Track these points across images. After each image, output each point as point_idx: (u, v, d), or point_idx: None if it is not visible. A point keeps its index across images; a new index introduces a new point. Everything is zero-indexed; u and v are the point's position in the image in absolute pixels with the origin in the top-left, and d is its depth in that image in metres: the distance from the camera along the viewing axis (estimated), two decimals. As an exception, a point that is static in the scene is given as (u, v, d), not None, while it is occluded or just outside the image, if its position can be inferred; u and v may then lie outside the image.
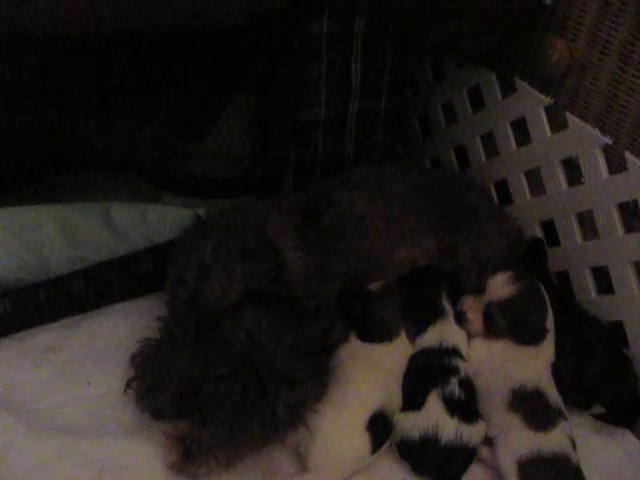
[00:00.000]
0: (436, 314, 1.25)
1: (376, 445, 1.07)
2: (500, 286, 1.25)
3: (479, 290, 1.29)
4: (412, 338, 1.23)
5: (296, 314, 1.09)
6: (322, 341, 1.10)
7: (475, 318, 1.25)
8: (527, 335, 1.22)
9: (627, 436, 1.21)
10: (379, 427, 1.08)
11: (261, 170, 1.45)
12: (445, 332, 1.22)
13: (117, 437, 1.10)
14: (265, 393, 0.99)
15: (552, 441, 1.08)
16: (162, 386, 1.05)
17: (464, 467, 1.09)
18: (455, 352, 1.20)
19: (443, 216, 1.40)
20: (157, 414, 1.07)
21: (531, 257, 1.41)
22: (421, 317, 1.25)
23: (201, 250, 1.16)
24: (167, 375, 1.05)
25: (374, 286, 1.28)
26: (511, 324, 1.22)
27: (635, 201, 1.19)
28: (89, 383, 1.19)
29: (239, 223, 1.22)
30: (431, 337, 1.22)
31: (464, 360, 1.20)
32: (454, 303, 1.28)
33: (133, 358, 1.12)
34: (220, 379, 0.99)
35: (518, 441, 1.10)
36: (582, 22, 1.32)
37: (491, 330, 1.23)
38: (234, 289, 1.09)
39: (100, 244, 1.32)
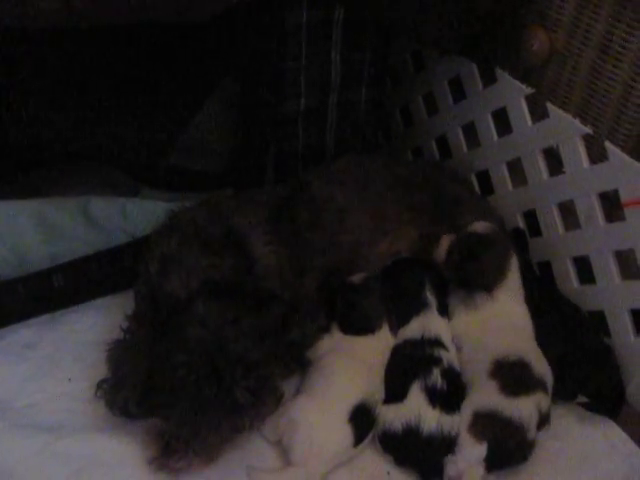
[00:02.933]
0: (419, 306, 1.25)
1: (359, 437, 1.07)
2: (474, 225, 1.30)
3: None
4: (395, 330, 1.23)
5: (252, 301, 1.08)
6: (283, 325, 1.11)
7: (443, 247, 1.29)
8: (478, 276, 1.23)
9: (610, 425, 1.21)
10: (361, 419, 1.08)
11: (242, 162, 1.44)
12: (428, 323, 1.22)
13: (98, 434, 1.10)
14: (221, 379, 0.99)
15: (516, 407, 1.08)
16: (124, 384, 1.05)
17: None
18: (438, 342, 1.19)
19: (425, 207, 1.40)
20: (124, 412, 1.06)
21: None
22: (404, 309, 1.25)
23: (165, 245, 1.16)
24: (129, 372, 1.05)
25: (356, 278, 1.28)
26: (464, 259, 1.24)
27: (616, 190, 1.19)
28: (69, 379, 1.18)
29: (206, 218, 1.22)
30: (413, 328, 1.22)
31: (447, 350, 1.19)
32: (438, 295, 1.27)
33: (106, 358, 1.12)
34: (175, 370, 1.00)
35: (485, 398, 1.11)
36: (562, 12, 1.32)
37: (448, 266, 1.26)
38: (192, 282, 1.09)
39: (79, 239, 1.31)
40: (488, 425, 1.08)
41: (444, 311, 1.25)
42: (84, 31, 1.13)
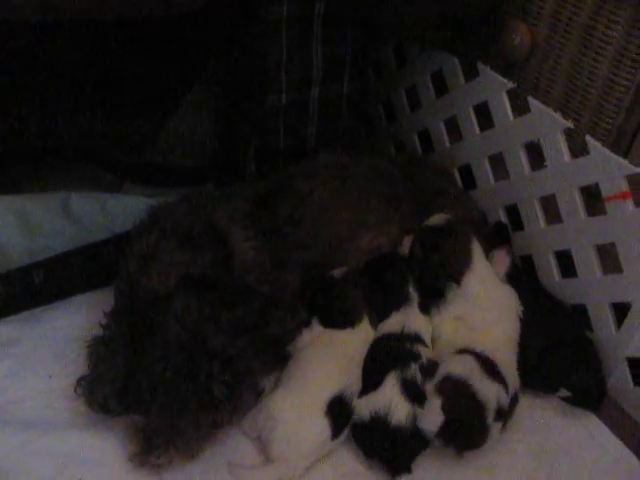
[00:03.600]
0: (400, 300, 1.24)
1: (336, 430, 1.07)
2: (436, 218, 1.31)
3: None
4: (375, 324, 1.23)
5: (230, 297, 1.08)
6: (262, 320, 1.10)
7: (405, 246, 1.31)
8: (443, 268, 1.24)
9: (591, 418, 1.21)
10: (338, 411, 1.07)
11: (223, 158, 1.44)
12: (408, 318, 1.22)
13: (80, 430, 1.09)
14: (198, 374, 0.99)
15: (484, 385, 1.09)
16: (103, 380, 1.05)
17: (414, 453, 1.08)
18: (417, 338, 1.19)
19: (407, 201, 1.40)
20: (103, 409, 1.06)
21: (494, 240, 1.41)
22: (385, 303, 1.25)
23: (143, 241, 1.16)
24: (107, 369, 1.05)
25: (337, 272, 1.28)
26: (426, 254, 1.25)
27: (597, 184, 1.19)
28: (50, 376, 1.18)
29: (185, 213, 1.22)
30: (394, 323, 1.22)
31: (426, 347, 1.19)
32: (420, 290, 1.27)
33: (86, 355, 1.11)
34: (152, 366, 1.00)
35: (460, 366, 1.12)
36: (543, 6, 1.32)
37: (413, 257, 1.28)
38: (171, 278, 1.09)
39: (59, 234, 1.31)
40: (454, 389, 1.08)
41: (425, 307, 1.25)
42: (63, 26, 1.12)
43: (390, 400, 1.08)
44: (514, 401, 1.13)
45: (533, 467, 1.12)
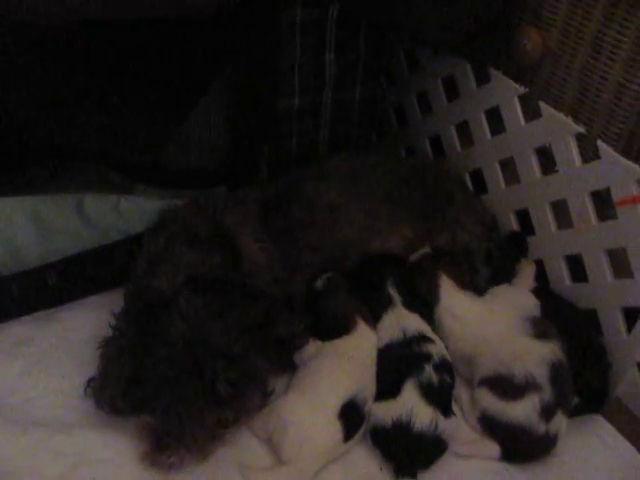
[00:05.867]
0: (385, 302, 1.25)
1: (348, 433, 1.07)
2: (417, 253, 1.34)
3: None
4: (373, 326, 1.23)
5: (237, 297, 1.09)
6: (268, 320, 1.11)
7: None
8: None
9: (600, 422, 1.21)
10: (351, 415, 1.08)
11: (236, 160, 1.44)
12: (403, 320, 1.22)
13: (91, 430, 1.10)
14: (202, 372, 1.00)
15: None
16: (110, 380, 1.06)
17: (433, 457, 1.09)
18: (422, 337, 1.19)
19: (418, 205, 1.41)
20: (112, 409, 1.07)
21: (510, 249, 1.42)
22: (373, 306, 1.25)
23: (153, 243, 1.18)
24: (114, 369, 1.07)
25: (319, 282, 1.28)
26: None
27: (608, 189, 1.20)
28: (63, 376, 1.18)
29: (195, 215, 1.23)
30: (390, 326, 1.22)
31: (434, 343, 1.19)
32: (402, 290, 1.28)
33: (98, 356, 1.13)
34: (157, 364, 1.01)
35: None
36: (555, 11, 1.32)
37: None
38: (178, 278, 1.10)
39: (73, 236, 1.32)
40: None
41: (412, 306, 1.25)
42: (79, 28, 1.13)
43: (412, 406, 1.08)
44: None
45: (543, 472, 1.12)
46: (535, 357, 1.15)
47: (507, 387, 1.12)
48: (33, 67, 1.21)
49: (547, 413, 1.10)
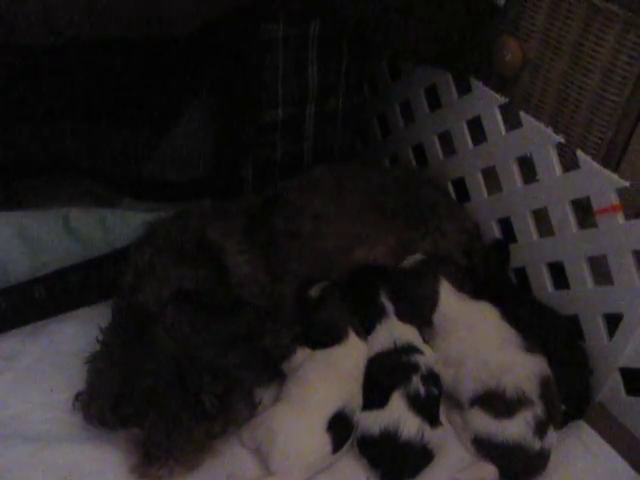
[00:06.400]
0: (379, 313, 1.26)
1: (337, 445, 1.08)
2: (410, 259, 1.35)
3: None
4: (363, 337, 1.24)
5: (222, 310, 1.11)
6: (254, 332, 1.12)
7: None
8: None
9: (583, 427, 1.23)
10: (340, 427, 1.09)
11: (220, 172, 1.45)
12: (395, 330, 1.23)
13: (81, 443, 1.11)
14: (188, 386, 1.01)
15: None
16: (98, 394, 1.07)
17: (420, 467, 1.10)
18: (412, 348, 1.20)
19: (401, 213, 1.42)
20: (100, 422, 1.08)
21: (493, 257, 1.44)
22: (366, 317, 1.26)
23: (139, 257, 1.19)
24: (102, 383, 1.08)
25: (314, 291, 1.29)
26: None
27: (588, 198, 1.21)
28: (52, 390, 1.19)
29: (181, 229, 1.24)
30: (383, 337, 1.23)
31: (422, 354, 1.20)
32: (395, 301, 1.28)
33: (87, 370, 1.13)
34: (144, 378, 1.02)
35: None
36: (534, 23, 1.35)
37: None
38: (164, 292, 1.11)
39: (60, 250, 1.32)
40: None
41: (405, 317, 1.26)
42: (64, 46, 1.14)
43: (399, 417, 1.09)
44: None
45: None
46: (525, 371, 1.16)
47: (499, 404, 1.13)
48: (17, 83, 1.21)
49: (540, 429, 1.10)
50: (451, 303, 1.28)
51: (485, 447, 1.13)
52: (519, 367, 1.16)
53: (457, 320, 1.26)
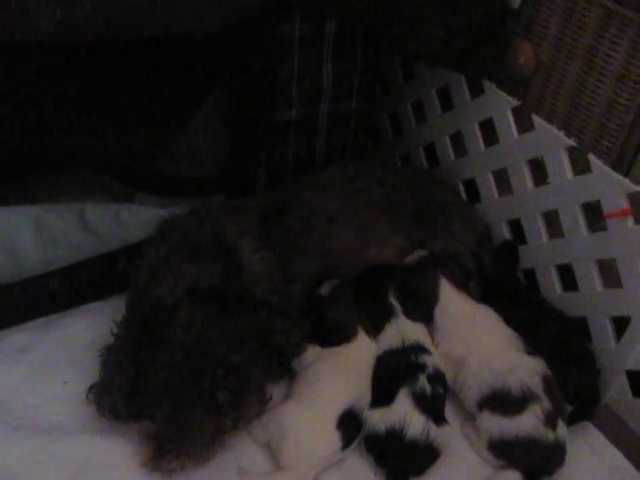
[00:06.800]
0: (388, 313, 1.27)
1: (347, 442, 1.10)
2: (414, 256, 1.37)
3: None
4: (373, 336, 1.25)
5: (236, 307, 1.11)
6: (266, 330, 1.14)
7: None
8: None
9: (590, 429, 1.23)
10: (349, 424, 1.10)
11: (234, 169, 1.46)
12: (404, 329, 1.24)
13: (94, 436, 1.12)
14: (201, 380, 1.02)
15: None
16: (112, 387, 1.08)
17: (426, 465, 1.11)
18: (420, 348, 1.21)
19: (413, 213, 1.43)
20: (113, 415, 1.09)
21: (503, 258, 1.45)
22: (375, 316, 1.27)
23: (154, 253, 1.20)
24: (116, 376, 1.09)
25: (324, 289, 1.30)
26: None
27: (598, 202, 1.22)
28: (65, 382, 1.20)
29: (195, 225, 1.25)
30: (392, 335, 1.24)
31: (430, 354, 1.21)
32: (403, 300, 1.29)
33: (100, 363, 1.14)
34: (157, 372, 1.03)
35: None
36: (548, 26, 1.35)
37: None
38: (179, 288, 1.12)
39: (74, 244, 1.33)
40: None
41: (413, 315, 1.27)
42: (84, 44, 1.14)
43: (404, 415, 1.10)
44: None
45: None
46: (528, 370, 1.17)
47: (506, 403, 1.14)
48: (34, 76, 1.22)
49: (551, 421, 1.11)
50: (452, 301, 1.29)
51: (501, 449, 1.13)
52: (521, 367, 1.17)
53: (458, 319, 1.27)
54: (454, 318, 1.28)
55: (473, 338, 1.24)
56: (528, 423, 1.11)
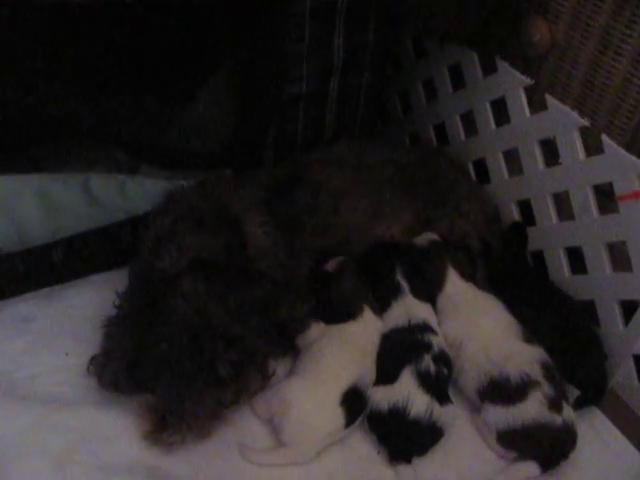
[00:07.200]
0: (395, 291, 1.26)
1: (350, 419, 1.09)
2: (423, 237, 1.37)
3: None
4: (378, 314, 1.25)
5: (240, 279, 1.10)
6: (270, 303, 1.13)
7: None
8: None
9: (596, 414, 1.23)
10: (353, 402, 1.10)
11: (241, 143, 1.45)
12: (411, 308, 1.24)
13: (95, 407, 1.12)
14: (203, 352, 1.01)
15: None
16: (113, 358, 1.08)
17: (429, 444, 1.11)
18: (426, 327, 1.21)
19: (421, 192, 1.42)
20: (114, 387, 1.09)
21: (511, 239, 1.43)
22: (381, 294, 1.27)
23: (159, 224, 1.19)
24: (117, 347, 1.08)
25: (330, 266, 1.29)
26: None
27: (610, 183, 1.21)
28: (67, 353, 1.20)
29: (201, 198, 1.24)
30: (398, 314, 1.24)
31: (436, 334, 1.21)
32: (410, 278, 1.29)
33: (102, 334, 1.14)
34: (158, 343, 1.02)
35: None
36: (564, 4, 1.32)
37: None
38: (183, 259, 1.11)
39: (79, 215, 1.33)
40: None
41: (421, 294, 1.27)
42: (91, 10, 1.13)
43: (408, 393, 1.10)
44: None
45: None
46: (526, 357, 1.16)
47: (506, 392, 1.13)
48: (41, 45, 1.21)
49: (555, 405, 1.10)
50: (457, 287, 1.29)
51: (510, 440, 1.12)
52: (519, 355, 1.17)
53: (460, 305, 1.27)
54: (455, 303, 1.27)
55: (472, 323, 1.24)
56: (532, 409, 1.10)
